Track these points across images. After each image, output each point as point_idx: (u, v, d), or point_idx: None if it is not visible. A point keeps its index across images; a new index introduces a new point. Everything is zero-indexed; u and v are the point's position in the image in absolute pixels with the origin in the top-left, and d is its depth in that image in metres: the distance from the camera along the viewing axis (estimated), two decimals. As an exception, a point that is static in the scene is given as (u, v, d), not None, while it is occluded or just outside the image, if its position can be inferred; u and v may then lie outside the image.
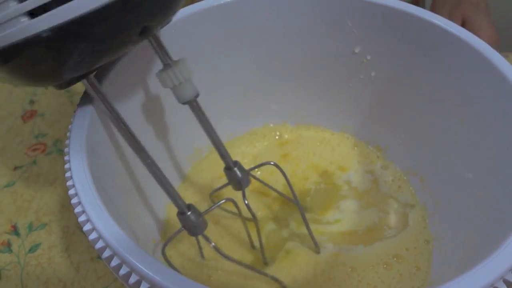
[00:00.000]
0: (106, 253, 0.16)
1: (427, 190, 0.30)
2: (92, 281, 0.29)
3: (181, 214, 0.20)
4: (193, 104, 0.21)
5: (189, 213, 0.20)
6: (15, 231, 0.32)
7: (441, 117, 0.27)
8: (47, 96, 0.38)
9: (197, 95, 0.21)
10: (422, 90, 0.28)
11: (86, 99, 0.21)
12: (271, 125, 0.34)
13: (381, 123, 0.32)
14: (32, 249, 0.31)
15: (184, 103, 0.21)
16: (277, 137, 0.34)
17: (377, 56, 0.29)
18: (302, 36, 0.30)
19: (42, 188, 0.34)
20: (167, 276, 0.15)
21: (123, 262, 0.16)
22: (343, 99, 0.33)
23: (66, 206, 0.33)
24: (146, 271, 0.15)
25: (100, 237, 0.17)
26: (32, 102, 0.38)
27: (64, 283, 0.29)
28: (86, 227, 0.17)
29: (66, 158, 0.19)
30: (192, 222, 0.20)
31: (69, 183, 0.18)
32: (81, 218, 0.17)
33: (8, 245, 0.31)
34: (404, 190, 0.31)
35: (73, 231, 0.31)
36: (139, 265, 0.15)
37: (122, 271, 0.16)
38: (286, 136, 0.34)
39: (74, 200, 0.18)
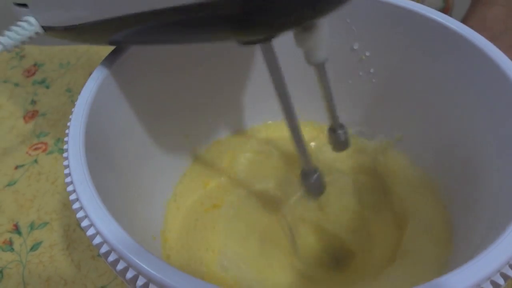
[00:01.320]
0: (104, 249, 0.16)
1: (427, 180, 0.29)
2: (93, 279, 0.29)
3: (309, 174, 0.22)
4: (320, 68, 0.23)
5: (317, 174, 0.22)
6: (16, 230, 0.32)
7: (442, 113, 0.27)
8: (48, 96, 0.39)
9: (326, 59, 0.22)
10: (422, 86, 0.28)
11: (84, 96, 0.21)
12: (270, 122, 0.34)
13: (381, 120, 0.32)
14: (34, 248, 0.31)
15: (315, 65, 0.22)
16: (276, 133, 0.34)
17: (376, 53, 0.29)
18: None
19: (43, 187, 0.34)
20: (164, 272, 0.15)
21: (120, 257, 0.16)
22: (342, 96, 0.32)
23: (67, 205, 0.33)
24: (143, 265, 0.15)
25: (98, 233, 0.17)
26: (33, 102, 0.39)
27: (65, 281, 0.29)
28: (84, 223, 0.17)
29: (65, 155, 0.19)
30: (319, 182, 0.23)
31: (67, 180, 0.18)
32: (79, 215, 0.17)
33: (10, 243, 0.31)
34: (406, 186, 0.31)
35: (74, 229, 0.31)
36: (136, 260, 0.15)
37: (119, 266, 0.16)
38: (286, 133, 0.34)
39: (72, 197, 0.18)
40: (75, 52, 0.42)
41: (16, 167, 0.36)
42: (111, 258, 0.16)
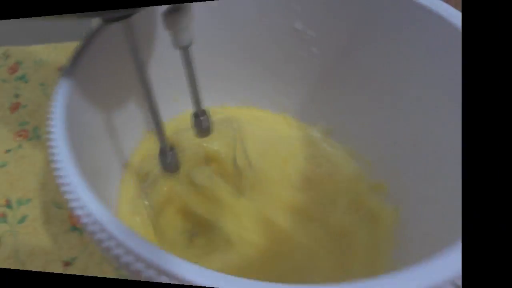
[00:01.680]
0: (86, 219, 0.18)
1: (374, 172, 0.29)
2: (65, 250, 0.34)
3: (164, 152, 0.24)
4: (186, 51, 0.24)
5: (171, 152, 0.24)
6: (8, 204, 0.38)
7: (386, 93, 0.27)
8: (27, 90, 0.44)
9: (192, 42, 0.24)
10: (366, 66, 0.27)
11: (62, 87, 0.23)
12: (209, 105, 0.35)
13: (325, 103, 0.32)
14: (21, 220, 0.37)
15: (180, 48, 0.24)
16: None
17: (318, 32, 0.28)
18: (239, 13, 0.30)
19: (26, 168, 0.40)
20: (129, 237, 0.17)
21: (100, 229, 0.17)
22: (284, 79, 0.32)
23: (44, 185, 0.39)
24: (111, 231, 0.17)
25: (78, 199, 0.19)
26: (16, 95, 0.44)
27: (46, 251, 0.34)
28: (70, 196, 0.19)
29: (51, 144, 0.21)
30: (174, 159, 0.24)
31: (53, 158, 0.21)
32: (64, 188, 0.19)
33: (4, 216, 0.38)
34: (350, 172, 0.31)
35: (50, 206, 0.37)
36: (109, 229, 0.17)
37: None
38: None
39: (58, 173, 0.20)
40: (46, 49, 0.47)
41: (6, 151, 0.42)
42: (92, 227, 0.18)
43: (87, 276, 0.17)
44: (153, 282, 0.15)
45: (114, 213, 0.30)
